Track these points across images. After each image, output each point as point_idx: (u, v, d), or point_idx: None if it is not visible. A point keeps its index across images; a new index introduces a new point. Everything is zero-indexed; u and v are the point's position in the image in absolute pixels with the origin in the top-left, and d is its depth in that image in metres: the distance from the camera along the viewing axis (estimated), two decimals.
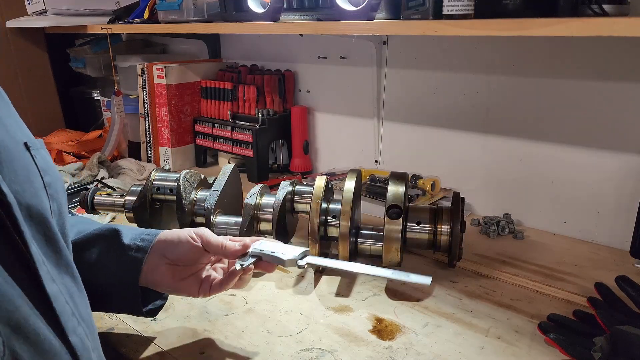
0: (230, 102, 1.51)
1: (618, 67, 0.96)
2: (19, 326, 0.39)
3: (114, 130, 1.63)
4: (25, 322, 0.40)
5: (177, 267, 0.69)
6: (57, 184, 0.51)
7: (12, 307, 0.39)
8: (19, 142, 0.48)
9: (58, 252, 0.47)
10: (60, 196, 0.52)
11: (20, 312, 0.40)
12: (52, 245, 0.46)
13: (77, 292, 0.49)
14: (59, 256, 0.47)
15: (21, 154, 0.47)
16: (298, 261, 0.72)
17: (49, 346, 0.42)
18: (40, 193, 0.47)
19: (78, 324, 0.47)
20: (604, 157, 1.01)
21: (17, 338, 0.39)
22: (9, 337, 0.38)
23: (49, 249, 0.46)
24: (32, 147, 0.49)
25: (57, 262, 0.47)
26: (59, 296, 0.45)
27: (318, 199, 0.91)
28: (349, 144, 1.46)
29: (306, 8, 1.06)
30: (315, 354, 0.71)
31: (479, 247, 1.04)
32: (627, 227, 0.97)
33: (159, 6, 1.39)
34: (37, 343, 0.40)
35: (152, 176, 1.03)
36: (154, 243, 0.69)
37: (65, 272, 0.48)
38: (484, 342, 0.74)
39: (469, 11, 0.77)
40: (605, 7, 0.70)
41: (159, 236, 0.70)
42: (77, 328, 0.46)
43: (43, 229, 0.46)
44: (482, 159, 1.19)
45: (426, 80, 1.24)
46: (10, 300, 0.39)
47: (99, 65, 1.90)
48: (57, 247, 0.47)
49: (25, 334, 0.39)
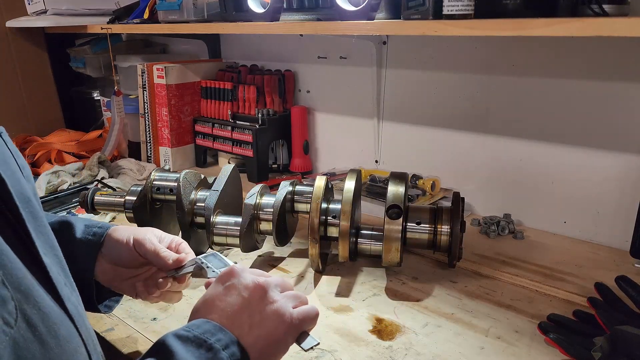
0: (230, 102, 1.51)
1: (618, 67, 0.96)
2: (28, 292, 0.41)
3: (114, 130, 1.63)
4: (32, 289, 0.42)
5: (118, 268, 0.71)
6: (26, 168, 0.53)
7: (20, 274, 0.41)
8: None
9: (43, 228, 0.49)
10: (32, 179, 0.54)
11: (27, 279, 0.42)
12: (37, 222, 0.48)
13: (63, 266, 0.52)
14: (44, 232, 0.49)
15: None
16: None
17: (51, 311, 0.43)
18: (17, 175, 0.48)
19: (70, 293, 0.49)
20: (604, 157, 1.01)
21: (27, 302, 0.41)
22: (20, 301, 0.40)
23: (36, 225, 0.48)
24: (1, 132, 0.51)
25: (45, 238, 0.49)
26: (52, 267, 0.47)
27: (318, 199, 0.91)
28: (349, 144, 1.46)
29: (306, 8, 1.06)
30: (315, 354, 0.71)
31: (479, 247, 1.04)
32: (627, 227, 0.97)
33: (159, 6, 1.39)
34: (43, 307, 0.42)
35: (152, 176, 1.03)
36: (104, 238, 0.70)
37: (51, 246, 0.50)
38: (484, 342, 0.74)
39: (469, 11, 0.77)
40: (605, 7, 0.70)
41: (109, 232, 0.71)
42: (70, 297, 0.48)
43: (28, 207, 0.47)
44: (482, 159, 1.19)
45: (426, 80, 1.24)
46: (18, 267, 0.41)
47: (99, 65, 1.90)
48: (41, 223, 0.49)
49: (33, 298, 0.41)
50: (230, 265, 0.67)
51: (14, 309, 0.39)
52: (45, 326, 0.42)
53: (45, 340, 0.41)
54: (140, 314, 0.82)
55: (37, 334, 0.41)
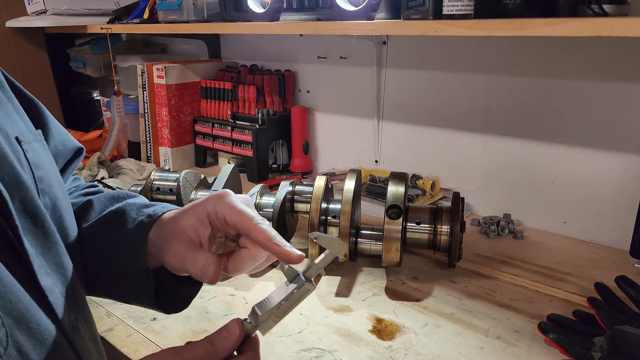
0: (230, 102, 1.51)
1: (618, 67, 0.96)
2: (22, 317, 0.39)
3: (114, 130, 1.63)
4: (28, 313, 0.40)
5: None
6: (50, 178, 0.50)
7: (14, 298, 0.39)
8: (10, 136, 0.48)
9: (52, 245, 0.47)
10: (55, 190, 0.51)
11: (22, 303, 0.40)
12: (46, 238, 0.46)
13: (71, 285, 0.49)
14: (53, 249, 0.47)
15: (12, 149, 0.47)
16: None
17: (49, 336, 0.42)
18: (30, 191, 0.46)
19: (76, 318, 0.47)
20: (604, 157, 1.01)
21: (20, 329, 0.39)
22: (12, 327, 0.38)
23: (43, 242, 0.46)
24: (23, 141, 0.49)
25: (51, 256, 0.47)
26: (53, 289, 0.45)
27: (318, 199, 0.91)
28: (349, 144, 1.46)
29: (306, 8, 1.06)
30: (315, 354, 0.71)
31: (478, 247, 1.04)
32: (627, 227, 0.97)
33: (159, 6, 1.39)
34: (38, 333, 0.41)
35: (152, 176, 1.03)
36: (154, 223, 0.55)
37: (59, 264, 0.48)
38: (484, 342, 0.74)
39: (469, 11, 0.77)
40: (605, 7, 0.70)
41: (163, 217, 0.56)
42: (75, 321, 0.46)
43: (37, 223, 0.45)
44: (482, 159, 1.18)
45: (426, 80, 1.24)
46: (12, 291, 0.39)
47: (99, 65, 1.90)
48: (51, 240, 0.47)
49: (27, 324, 0.40)
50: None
51: (5, 336, 0.37)
52: (37, 354, 0.40)
53: None
54: (140, 314, 0.82)
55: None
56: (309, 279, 0.57)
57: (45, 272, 0.45)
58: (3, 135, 0.46)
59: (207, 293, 0.87)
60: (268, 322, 0.53)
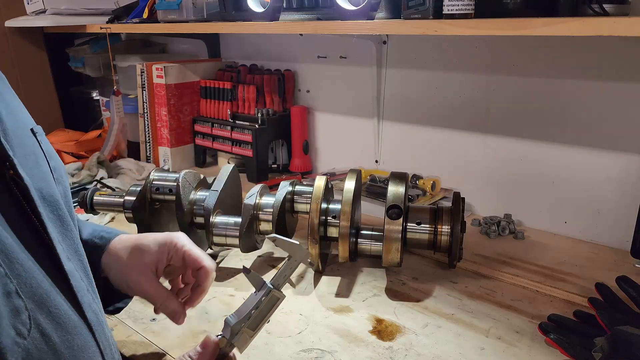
0: (229, 101, 1.51)
1: (618, 67, 0.95)
2: (43, 301, 0.41)
3: (113, 130, 1.63)
4: (47, 297, 0.42)
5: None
6: (60, 169, 0.53)
7: (35, 283, 0.41)
8: (26, 127, 0.50)
9: (69, 232, 0.49)
10: (65, 180, 0.53)
11: (42, 288, 0.41)
12: (64, 225, 0.48)
13: (87, 271, 0.51)
14: (70, 236, 0.49)
15: (29, 140, 0.49)
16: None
17: (68, 319, 0.43)
18: (47, 177, 0.48)
19: (93, 300, 0.49)
20: (605, 157, 1.01)
21: (41, 312, 0.40)
22: (34, 311, 0.40)
23: (62, 229, 0.48)
24: (37, 132, 0.51)
25: (70, 242, 0.49)
26: (74, 273, 0.47)
27: (318, 199, 0.90)
28: (349, 144, 1.45)
29: (306, 7, 1.06)
30: (315, 355, 0.71)
31: (479, 247, 1.04)
32: (628, 227, 0.96)
33: (158, 6, 1.39)
34: (58, 316, 0.42)
35: (151, 176, 1.02)
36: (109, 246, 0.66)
37: (76, 250, 0.50)
38: (485, 342, 0.74)
39: (469, 11, 0.77)
40: (605, 6, 0.70)
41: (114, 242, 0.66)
42: (92, 304, 0.48)
43: (55, 210, 0.47)
44: (483, 159, 1.18)
45: (426, 80, 1.23)
46: (33, 276, 0.41)
47: (98, 65, 1.89)
48: (68, 227, 0.49)
49: (47, 308, 0.41)
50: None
51: (28, 319, 0.39)
52: (59, 336, 0.41)
53: (58, 350, 0.41)
54: (140, 315, 0.82)
55: (50, 344, 0.40)
56: (276, 286, 0.58)
57: (67, 257, 0.47)
58: (22, 127, 0.49)
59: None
60: (242, 336, 0.55)
